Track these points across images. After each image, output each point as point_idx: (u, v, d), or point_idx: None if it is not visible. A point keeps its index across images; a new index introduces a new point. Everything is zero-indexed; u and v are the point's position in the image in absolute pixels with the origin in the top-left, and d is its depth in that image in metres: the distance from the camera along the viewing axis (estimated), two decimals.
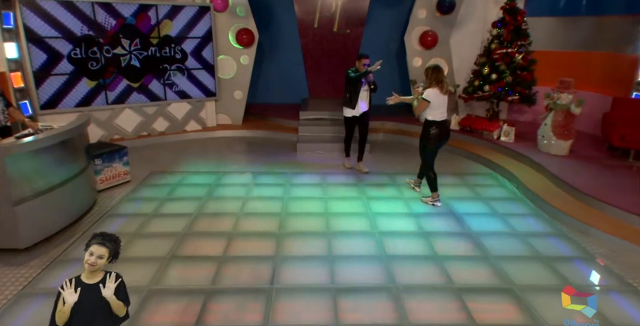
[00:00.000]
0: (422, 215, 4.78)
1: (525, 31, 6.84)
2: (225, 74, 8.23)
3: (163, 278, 3.54)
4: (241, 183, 5.72)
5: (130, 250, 3.94)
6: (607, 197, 4.69)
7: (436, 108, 4.86)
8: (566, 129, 6.02)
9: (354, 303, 3.24)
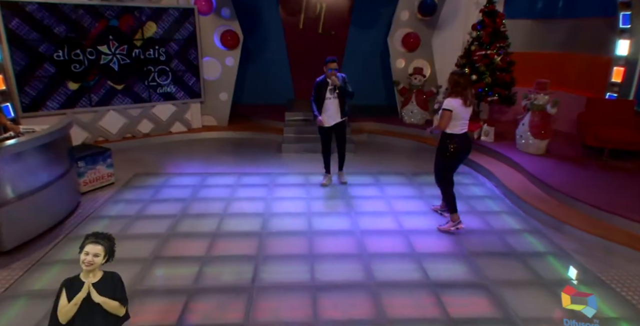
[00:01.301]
0: (403, 214, 4.88)
1: (504, 33, 7.00)
2: (210, 76, 8.26)
3: (146, 278, 3.58)
4: (225, 184, 5.77)
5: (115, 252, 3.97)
6: (581, 195, 4.84)
7: (457, 119, 4.20)
8: (543, 129, 6.19)
9: (334, 300, 3.33)
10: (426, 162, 6.75)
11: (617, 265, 3.88)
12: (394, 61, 8.53)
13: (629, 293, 3.46)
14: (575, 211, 4.74)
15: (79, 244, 2.22)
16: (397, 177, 6.17)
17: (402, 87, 8.40)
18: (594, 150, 6.26)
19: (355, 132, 7.93)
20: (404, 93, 8.41)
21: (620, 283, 3.59)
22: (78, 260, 3.73)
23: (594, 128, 5.87)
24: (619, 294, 3.44)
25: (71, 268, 3.66)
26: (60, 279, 3.45)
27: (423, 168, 6.45)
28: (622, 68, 6.29)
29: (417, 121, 8.35)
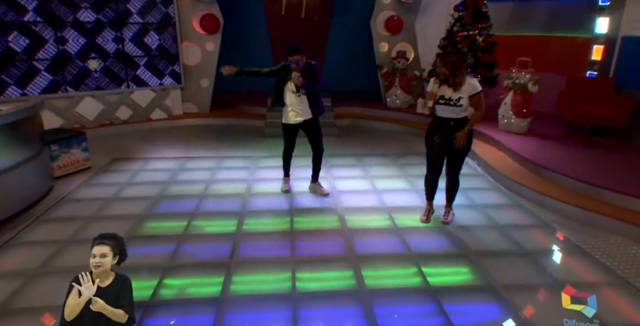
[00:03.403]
0: (386, 192, 4.83)
1: (486, 13, 6.97)
2: (190, 61, 8.09)
3: None
4: (206, 168, 5.65)
5: (86, 233, 3.84)
6: (562, 170, 4.85)
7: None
8: (524, 108, 6.20)
9: (313, 273, 3.27)
10: (411, 145, 6.74)
11: (597, 234, 3.89)
12: (377, 45, 8.46)
13: (609, 259, 3.46)
14: (557, 185, 4.75)
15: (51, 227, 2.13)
16: (381, 158, 6.12)
17: (385, 71, 8.34)
18: (574, 128, 6.28)
19: (339, 117, 7.85)
20: (388, 77, 8.35)
21: (600, 251, 3.59)
22: (49, 242, 3.65)
23: (574, 106, 5.88)
24: (599, 261, 3.44)
25: (41, 250, 3.54)
26: (29, 261, 3.38)
27: (406, 149, 6.42)
28: (602, 46, 6.31)
29: (401, 105, 8.31)
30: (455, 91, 3.61)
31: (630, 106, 5.65)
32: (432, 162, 4.00)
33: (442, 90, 3.67)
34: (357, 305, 2.87)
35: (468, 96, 3.61)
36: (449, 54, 3.65)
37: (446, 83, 3.64)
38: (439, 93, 3.69)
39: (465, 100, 3.62)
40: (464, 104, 3.63)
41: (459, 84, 3.60)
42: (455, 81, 3.59)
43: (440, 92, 3.68)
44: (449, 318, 2.73)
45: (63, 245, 3.63)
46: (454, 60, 3.57)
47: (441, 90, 3.68)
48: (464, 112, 3.71)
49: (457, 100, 3.62)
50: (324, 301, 2.92)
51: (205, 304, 2.88)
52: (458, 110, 3.66)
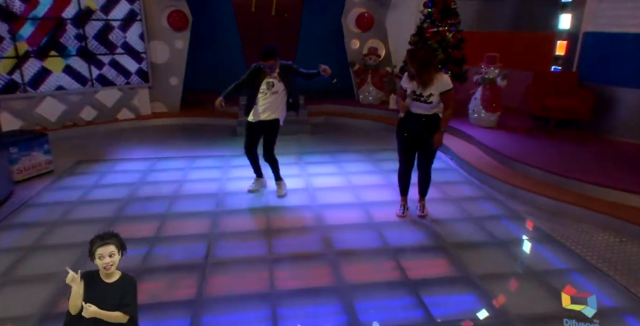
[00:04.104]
0: (361, 188, 4.83)
1: (454, 10, 7.08)
2: (158, 59, 7.85)
3: (87, 262, 3.30)
4: (177, 168, 5.50)
5: (51, 238, 3.67)
6: (532, 162, 4.98)
7: None
8: (494, 102, 6.34)
9: (291, 271, 3.22)
10: (384, 141, 6.77)
11: (566, 223, 4.01)
12: (349, 42, 8.46)
13: (578, 247, 3.57)
14: (527, 177, 4.87)
15: (13, 233, 1.99)
16: (355, 154, 6.11)
17: (357, 68, 8.35)
18: (541, 121, 6.48)
19: (312, 115, 7.81)
20: (360, 74, 8.37)
21: (569, 239, 3.70)
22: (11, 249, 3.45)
23: (541, 100, 6.06)
24: (569, 248, 3.54)
25: (2, 257, 3.34)
26: None
27: (380, 145, 6.45)
28: (565, 41, 6.52)
29: (373, 101, 8.35)
30: (424, 88, 3.62)
31: (592, 99, 5.87)
32: (404, 156, 4.01)
33: (413, 85, 3.67)
34: (338, 301, 2.84)
35: (439, 93, 3.62)
36: (416, 51, 3.62)
37: (415, 79, 3.64)
38: (410, 88, 3.69)
39: (436, 97, 3.62)
40: (434, 101, 3.63)
41: (426, 82, 3.57)
42: (421, 79, 3.56)
43: (412, 86, 3.68)
44: (429, 310, 2.74)
45: (26, 251, 3.43)
46: (421, 58, 3.52)
47: (412, 85, 3.68)
48: (435, 109, 3.73)
49: (428, 96, 3.62)
50: (303, 299, 2.88)
51: (180, 307, 2.79)
52: (428, 106, 3.66)
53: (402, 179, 4.15)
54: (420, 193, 4.17)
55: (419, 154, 3.98)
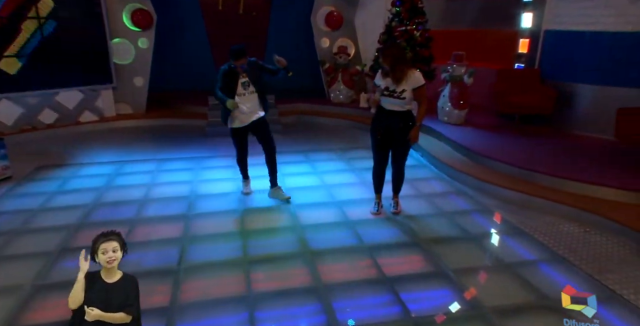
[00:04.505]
0: (334, 186, 4.83)
1: (421, 9, 7.19)
2: (122, 59, 7.59)
3: (51, 272, 3.16)
4: (145, 171, 5.33)
5: (12, 248, 3.49)
6: (499, 157, 5.12)
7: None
8: (462, 99, 6.48)
9: (267, 272, 3.18)
10: (356, 139, 6.81)
11: (533, 215, 4.14)
12: (318, 40, 8.45)
13: (545, 238, 3.69)
14: (495, 171, 5.00)
15: None
16: (328, 153, 6.12)
17: (328, 67, 8.35)
18: (506, 117, 6.68)
19: (283, 114, 7.76)
20: (330, 72, 8.37)
21: (537, 231, 3.82)
22: None
23: (506, 97, 6.24)
24: (537, 240, 3.66)
25: None
26: None
27: (351, 143, 6.47)
28: (527, 39, 6.75)
29: (344, 100, 8.37)
30: (397, 84, 3.66)
31: (554, 95, 6.09)
32: (378, 153, 4.03)
33: (386, 81, 3.71)
34: (316, 302, 2.83)
35: (411, 89, 3.67)
36: (389, 48, 3.69)
37: (388, 75, 3.68)
38: (384, 84, 3.72)
39: (409, 93, 3.67)
40: (407, 97, 3.68)
41: (399, 78, 3.62)
42: (395, 75, 3.62)
43: (385, 83, 3.71)
44: (406, 306, 2.76)
45: None
46: (394, 55, 3.60)
47: (386, 81, 3.71)
48: (408, 105, 3.77)
49: (401, 92, 3.66)
50: (281, 301, 2.84)
51: (154, 315, 2.69)
52: (402, 102, 3.71)
53: (377, 177, 4.17)
54: (394, 190, 4.22)
55: (393, 152, 4.01)
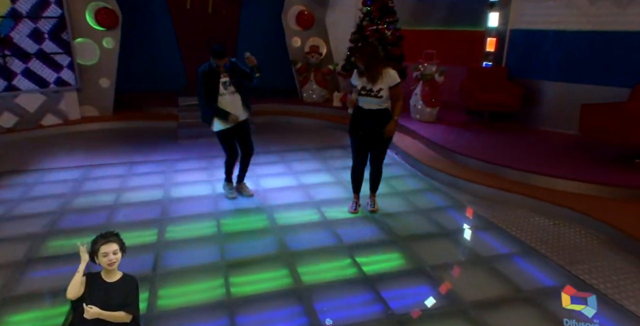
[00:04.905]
0: (311, 186, 4.81)
1: (392, 8, 7.26)
2: (86, 60, 7.32)
3: (19, 284, 3.00)
4: (115, 175, 5.15)
5: None
6: (470, 153, 5.24)
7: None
8: (433, 97, 6.60)
9: (247, 276, 3.13)
10: (330, 138, 6.81)
11: (505, 210, 4.25)
12: (290, 40, 8.40)
13: (517, 232, 3.80)
14: (467, 167, 5.11)
15: None
16: (303, 153, 6.10)
17: (300, 66, 8.32)
18: (476, 115, 6.85)
19: (256, 114, 7.65)
20: (302, 72, 8.35)
21: (509, 225, 3.93)
22: None
23: (475, 94, 6.39)
24: (510, 233, 3.76)
25: None
26: None
27: (322, 143, 6.47)
28: (494, 38, 6.93)
29: (317, 99, 8.36)
30: (373, 83, 3.67)
31: (521, 92, 6.28)
32: (358, 153, 4.03)
33: (362, 81, 3.72)
34: (297, 304, 2.81)
35: (388, 87, 3.69)
36: (363, 48, 3.71)
37: (364, 75, 3.69)
38: (360, 84, 3.73)
39: (386, 92, 3.70)
40: (384, 95, 3.70)
41: (375, 77, 3.64)
42: (370, 74, 3.64)
43: (362, 82, 3.72)
44: (387, 304, 2.78)
45: None
46: (368, 54, 3.61)
47: (362, 81, 3.72)
48: (385, 103, 3.80)
49: (378, 91, 3.68)
50: (262, 304, 2.80)
51: None
52: (379, 101, 3.73)
53: (356, 177, 4.17)
54: (372, 189, 4.23)
55: (372, 151, 4.01)
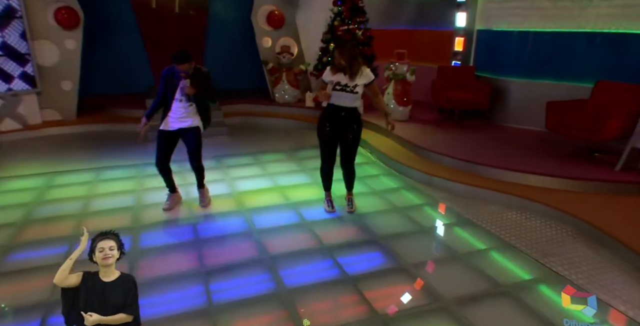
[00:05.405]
0: (288, 188, 4.77)
1: (362, 8, 7.31)
2: (46, 62, 6.98)
3: None
4: (82, 182, 4.93)
5: None
6: (443, 151, 5.34)
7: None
8: (405, 96, 6.68)
9: (228, 281, 3.06)
10: (304, 139, 6.77)
11: (479, 206, 4.35)
12: (260, 40, 8.29)
13: (493, 227, 3.89)
14: (441, 165, 5.20)
15: None
16: (277, 154, 6.04)
17: (271, 67, 8.24)
18: (446, 113, 6.98)
19: (228, 116, 7.55)
20: (274, 72, 8.27)
21: (484, 220, 4.02)
22: None
23: (446, 93, 6.51)
24: (485, 229, 3.85)
25: None
26: None
27: (298, 143, 6.44)
28: (462, 38, 7.10)
29: (290, 100, 8.30)
30: (352, 79, 3.70)
31: (489, 90, 6.46)
32: (326, 151, 4.05)
33: (337, 77, 3.75)
34: (280, 308, 2.76)
35: (363, 84, 3.74)
36: (346, 45, 3.74)
37: (342, 71, 3.72)
38: (335, 80, 3.75)
39: (361, 88, 3.76)
40: (359, 92, 3.77)
41: (356, 73, 3.71)
42: (353, 71, 3.69)
43: (336, 79, 3.75)
44: (372, 305, 2.77)
45: None
46: (352, 50, 3.68)
47: (337, 77, 3.75)
48: (357, 101, 3.84)
49: (354, 87, 3.73)
50: (245, 309, 2.74)
51: None
52: (354, 96, 3.77)
53: (327, 176, 4.19)
54: (349, 188, 4.24)
55: (343, 150, 4.04)
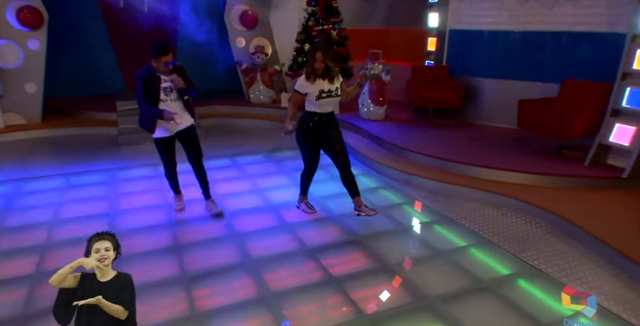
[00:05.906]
0: (268, 190, 4.73)
1: (336, 9, 7.33)
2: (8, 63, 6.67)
3: None
4: (51, 188, 4.75)
5: None
6: (420, 150, 5.42)
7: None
8: (380, 96, 6.75)
9: (211, 287, 3.01)
10: (282, 140, 6.63)
11: (457, 203, 4.44)
12: (234, 40, 8.20)
13: (472, 224, 3.98)
14: (418, 164, 5.28)
15: None
16: (255, 155, 5.99)
17: (245, 67, 8.15)
18: (422, 112, 7.10)
19: (202, 117, 7.41)
20: (248, 73, 8.19)
21: (463, 217, 4.11)
22: None
23: (420, 92, 6.62)
24: (464, 226, 3.93)
25: None
26: None
27: (280, 145, 6.40)
28: (435, 38, 7.22)
29: (265, 100, 8.24)
30: (332, 83, 3.67)
31: (462, 89, 6.61)
32: (311, 157, 3.96)
33: (319, 85, 3.64)
34: (266, 312, 2.74)
35: (339, 85, 3.75)
36: (327, 46, 3.67)
37: (322, 77, 3.63)
38: (317, 89, 3.63)
39: (339, 90, 3.74)
40: (340, 94, 3.76)
41: (334, 75, 3.67)
42: (332, 74, 3.65)
43: (318, 87, 3.63)
44: (358, 305, 2.79)
45: None
46: (328, 52, 3.59)
47: (318, 85, 3.64)
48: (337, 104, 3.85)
49: (336, 90, 3.72)
50: (230, 315, 2.70)
51: None
52: (337, 101, 3.79)
53: (308, 180, 4.14)
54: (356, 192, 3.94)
55: (336, 158, 3.91)
